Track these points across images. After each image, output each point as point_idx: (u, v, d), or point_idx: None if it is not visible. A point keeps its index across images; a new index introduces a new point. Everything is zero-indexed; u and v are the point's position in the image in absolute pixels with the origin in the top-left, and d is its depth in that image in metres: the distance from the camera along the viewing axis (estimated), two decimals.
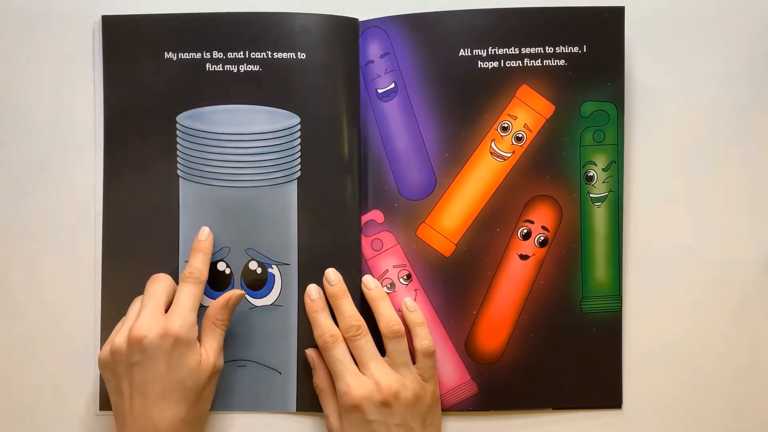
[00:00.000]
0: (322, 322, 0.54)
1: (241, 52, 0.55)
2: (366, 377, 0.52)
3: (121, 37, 0.56)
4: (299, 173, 0.56)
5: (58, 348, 0.57)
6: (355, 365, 0.53)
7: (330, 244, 0.56)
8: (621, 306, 0.56)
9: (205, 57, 0.56)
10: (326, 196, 0.56)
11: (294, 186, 0.56)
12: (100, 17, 0.56)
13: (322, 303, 0.55)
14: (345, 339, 0.53)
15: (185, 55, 0.56)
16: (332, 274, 0.55)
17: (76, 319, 0.57)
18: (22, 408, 0.57)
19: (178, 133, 0.56)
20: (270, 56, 0.55)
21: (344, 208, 0.56)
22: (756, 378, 0.56)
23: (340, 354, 0.53)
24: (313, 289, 0.55)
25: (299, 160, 0.56)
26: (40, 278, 0.57)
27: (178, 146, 0.56)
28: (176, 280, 0.55)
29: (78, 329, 0.57)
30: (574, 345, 0.56)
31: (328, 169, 0.56)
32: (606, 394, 0.56)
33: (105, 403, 0.56)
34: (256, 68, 0.55)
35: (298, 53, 0.55)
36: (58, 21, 0.57)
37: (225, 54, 0.55)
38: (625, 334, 0.56)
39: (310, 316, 0.55)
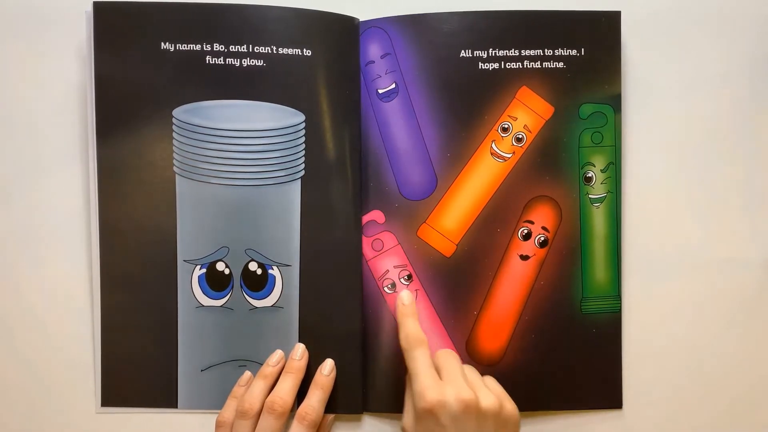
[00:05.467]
0: (411, 325, 0.53)
1: (245, 46, 0.54)
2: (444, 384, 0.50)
3: (114, 25, 0.54)
4: (303, 172, 0.55)
5: (59, 344, 0.56)
6: (434, 370, 0.51)
7: (331, 245, 0.55)
8: (620, 307, 0.57)
9: (205, 49, 0.54)
10: (327, 196, 0.55)
11: (297, 185, 0.55)
12: (92, 4, 0.54)
13: (413, 309, 0.54)
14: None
15: (183, 46, 0.54)
16: (406, 296, 0.54)
17: (76, 316, 0.56)
18: (22, 406, 0.56)
19: (174, 128, 0.54)
20: (275, 51, 0.54)
21: (345, 208, 0.55)
22: (756, 379, 0.57)
23: (422, 355, 0.51)
24: (405, 296, 0.54)
25: (303, 159, 0.55)
26: (40, 274, 0.56)
27: (174, 141, 0.54)
28: (175, 277, 0.54)
29: (78, 326, 0.56)
30: (575, 346, 0.56)
31: (329, 168, 0.55)
32: (606, 395, 0.56)
33: (106, 400, 0.55)
34: (260, 63, 0.54)
35: (304, 50, 0.54)
36: (48, 10, 0.56)
37: (227, 47, 0.54)
38: (625, 334, 0.57)
39: (399, 319, 0.54)
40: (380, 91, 0.56)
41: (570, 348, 0.56)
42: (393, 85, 0.56)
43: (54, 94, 0.56)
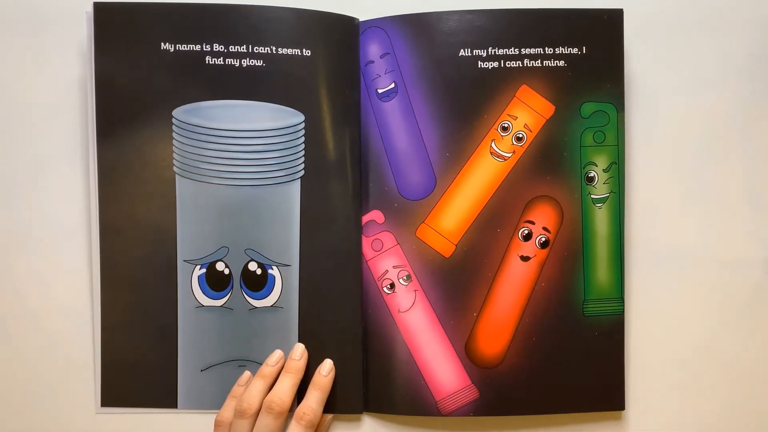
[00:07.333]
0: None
1: (244, 46, 0.54)
2: None
3: (114, 25, 0.54)
4: (302, 172, 0.55)
5: (59, 344, 0.56)
6: None
7: (330, 245, 0.55)
8: (623, 309, 0.56)
9: (204, 49, 0.54)
10: (327, 196, 0.55)
11: (297, 185, 0.55)
12: (92, 4, 0.54)
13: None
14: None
15: (183, 47, 0.54)
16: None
17: (77, 316, 0.56)
18: (23, 406, 0.56)
19: (174, 128, 0.54)
20: (275, 51, 0.54)
21: (345, 208, 0.55)
22: (759, 380, 0.57)
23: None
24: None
25: (303, 159, 0.55)
26: (40, 274, 0.56)
27: (174, 142, 0.54)
28: (175, 277, 0.54)
29: (78, 326, 0.56)
30: (577, 349, 0.55)
31: (328, 168, 0.55)
32: (609, 398, 0.56)
33: (106, 400, 0.56)
34: (260, 63, 0.54)
35: (304, 50, 0.54)
36: (48, 10, 0.56)
37: (227, 47, 0.54)
38: (627, 337, 0.56)
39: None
40: (380, 91, 0.56)
41: (572, 351, 0.55)
42: (392, 85, 0.56)
43: (54, 94, 0.56)
